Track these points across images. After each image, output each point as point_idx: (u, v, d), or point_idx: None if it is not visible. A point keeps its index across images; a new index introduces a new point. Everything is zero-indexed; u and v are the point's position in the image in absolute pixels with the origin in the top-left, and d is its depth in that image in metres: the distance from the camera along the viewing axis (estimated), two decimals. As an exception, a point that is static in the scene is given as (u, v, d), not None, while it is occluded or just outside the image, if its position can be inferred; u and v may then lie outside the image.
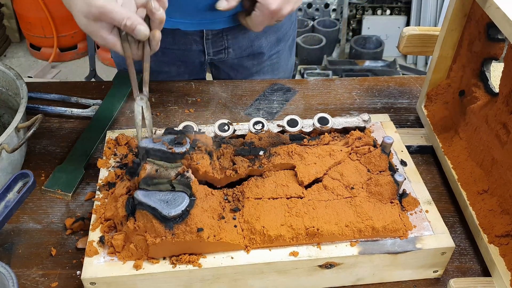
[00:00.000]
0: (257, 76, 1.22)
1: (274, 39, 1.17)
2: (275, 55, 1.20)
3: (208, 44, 1.12)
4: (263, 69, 1.21)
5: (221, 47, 1.13)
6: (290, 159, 0.79)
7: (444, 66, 0.96)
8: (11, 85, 0.93)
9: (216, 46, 1.13)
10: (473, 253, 0.81)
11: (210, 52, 1.14)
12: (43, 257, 0.78)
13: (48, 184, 0.89)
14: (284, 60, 1.24)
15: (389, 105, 1.11)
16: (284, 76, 1.28)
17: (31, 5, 3.03)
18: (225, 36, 1.11)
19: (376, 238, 0.73)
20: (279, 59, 1.22)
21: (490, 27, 0.84)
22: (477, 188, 0.83)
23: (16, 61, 3.31)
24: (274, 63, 1.22)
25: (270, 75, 1.24)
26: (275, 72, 1.24)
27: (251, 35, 1.13)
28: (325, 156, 0.80)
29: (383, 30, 3.31)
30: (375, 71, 2.93)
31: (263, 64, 1.20)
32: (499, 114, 0.80)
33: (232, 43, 1.13)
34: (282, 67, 1.25)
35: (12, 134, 0.81)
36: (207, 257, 0.70)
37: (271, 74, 1.24)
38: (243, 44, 1.14)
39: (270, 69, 1.22)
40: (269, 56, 1.19)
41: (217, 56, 1.15)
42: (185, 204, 0.68)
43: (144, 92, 0.75)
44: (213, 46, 1.12)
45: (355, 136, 0.84)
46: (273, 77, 1.24)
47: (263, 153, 0.79)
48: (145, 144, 0.73)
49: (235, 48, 1.14)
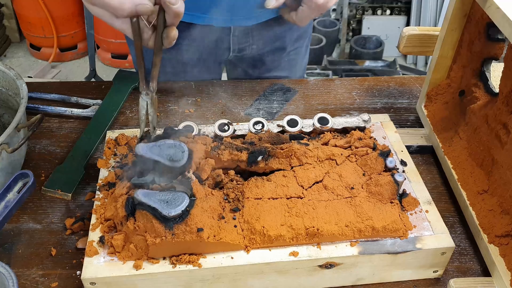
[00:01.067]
0: (274, 72, 1.23)
1: (295, 36, 1.18)
2: (293, 51, 1.21)
3: (234, 41, 1.12)
4: (281, 65, 1.22)
5: (246, 43, 1.13)
6: (288, 165, 0.79)
7: (444, 66, 0.96)
8: (11, 85, 0.93)
9: (241, 43, 1.13)
10: (473, 253, 0.81)
11: (235, 49, 1.14)
12: (43, 257, 0.78)
13: (48, 184, 0.89)
14: (300, 57, 1.26)
15: (389, 105, 1.11)
16: (299, 73, 1.29)
17: (31, 5, 3.03)
18: (250, 32, 1.11)
19: (376, 238, 0.73)
20: (297, 56, 1.24)
21: (490, 27, 0.84)
22: (477, 188, 0.83)
23: (16, 61, 3.31)
24: (292, 59, 1.23)
25: (287, 72, 1.25)
26: (292, 69, 1.25)
27: (275, 31, 1.13)
28: (324, 160, 0.80)
29: (383, 30, 3.31)
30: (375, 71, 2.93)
31: (282, 60, 1.21)
32: (499, 114, 0.80)
33: (257, 39, 1.13)
34: (299, 64, 1.26)
35: (12, 134, 0.81)
36: (207, 257, 0.70)
37: (288, 70, 1.25)
38: (267, 40, 1.14)
39: (288, 65, 1.23)
40: (288, 52, 1.20)
41: (241, 52, 1.16)
42: (185, 204, 0.68)
43: (151, 88, 0.74)
44: (239, 42, 1.13)
45: (356, 136, 0.84)
46: (290, 74, 1.25)
47: (261, 158, 0.79)
48: (142, 151, 0.72)
49: (258, 44, 1.15)
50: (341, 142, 0.84)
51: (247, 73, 1.23)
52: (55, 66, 3.26)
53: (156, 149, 0.74)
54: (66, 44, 3.27)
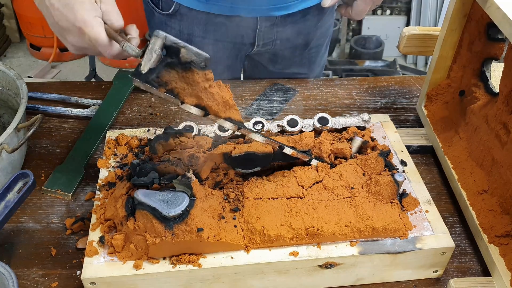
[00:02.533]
0: (294, 68, 1.23)
1: (318, 33, 1.19)
2: (315, 48, 1.22)
3: (259, 36, 1.12)
4: (301, 61, 1.22)
5: (270, 39, 1.13)
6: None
7: (444, 66, 0.96)
8: (11, 85, 0.93)
9: (266, 38, 1.13)
10: (473, 253, 0.81)
11: (259, 44, 1.14)
12: (43, 257, 0.78)
13: (48, 184, 0.89)
14: (321, 55, 1.26)
15: (389, 105, 1.11)
16: (317, 70, 1.30)
17: (31, 5, 3.03)
18: (275, 27, 1.11)
19: (376, 238, 0.73)
20: (317, 53, 1.24)
21: (490, 27, 0.84)
22: (477, 188, 0.83)
23: (16, 61, 3.31)
24: (312, 56, 1.23)
25: (307, 68, 1.25)
26: (312, 66, 1.26)
27: (300, 28, 1.14)
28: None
29: (383, 30, 3.31)
30: (375, 71, 2.93)
31: (303, 55, 1.21)
32: (499, 114, 0.80)
33: (282, 35, 1.13)
34: (318, 61, 1.27)
35: (12, 134, 0.81)
36: (207, 257, 0.70)
37: (307, 67, 1.25)
38: (291, 36, 1.14)
39: (308, 62, 1.24)
40: (310, 49, 1.21)
41: (264, 48, 1.15)
42: (185, 204, 0.68)
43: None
44: (264, 38, 1.12)
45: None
46: (308, 71, 1.26)
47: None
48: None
49: (282, 39, 1.15)
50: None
51: (267, 69, 1.23)
52: (55, 66, 3.25)
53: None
54: (66, 44, 3.27)
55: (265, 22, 1.08)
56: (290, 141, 0.82)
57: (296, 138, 0.82)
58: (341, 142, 0.84)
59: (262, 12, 1.05)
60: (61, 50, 3.28)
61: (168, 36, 0.64)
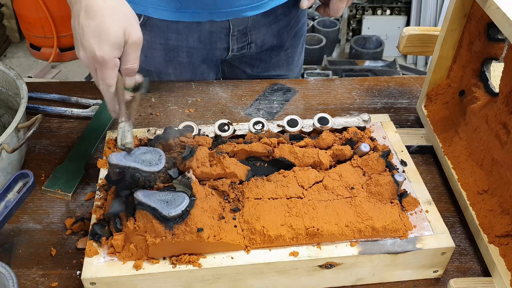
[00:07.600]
0: (273, 70, 1.23)
1: (292, 33, 1.19)
2: (291, 49, 1.22)
3: (233, 41, 1.11)
4: (279, 62, 1.23)
5: (245, 42, 1.13)
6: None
7: (444, 66, 0.96)
8: (11, 85, 0.93)
9: (240, 42, 1.13)
10: (473, 253, 0.81)
11: (234, 48, 1.14)
12: (43, 257, 0.78)
13: (48, 184, 0.89)
14: (297, 55, 1.27)
15: (389, 105, 1.11)
16: (296, 70, 1.30)
17: (31, 5, 3.03)
18: (249, 32, 1.11)
19: (376, 238, 0.73)
20: (294, 53, 1.24)
21: (490, 27, 0.84)
22: (477, 188, 0.83)
23: (16, 61, 3.31)
24: (289, 56, 1.24)
25: (285, 69, 1.25)
26: (290, 67, 1.26)
27: (273, 29, 1.14)
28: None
29: (383, 30, 3.31)
30: (375, 71, 2.93)
31: (280, 56, 1.21)
32: (499, 114, 0.80)
33: (256, 38, 1.13)
34: (296, 61, 1.27)
35: (12, 134, 0.81)
36: (207, 257, 0.70)
37: (286, 68, 1.25)
38: (265, 38, 1.15)
39: (286, 62, 1.24)
40: (285, 49, 1.21)
41: (239, 52, 1.15)
42: (185, 204, 0.68)
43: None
44: (238, 42, 1.12)
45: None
46: (288, 72, 1.26)
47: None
48: (116, 160, 0.70)
49: (257, 43, 1.15)
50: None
51: (246, 72, 1.23)
52: (55, 66, 3.25)
53: (131, 156, 0.72)
54: (66, 44, 3.27)
55: (238, 25, 1.08)
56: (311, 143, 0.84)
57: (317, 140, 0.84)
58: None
59: (234, 14, 1.04)
60: (61, 50, 3.28)
61: (118, 164, 0.70)
